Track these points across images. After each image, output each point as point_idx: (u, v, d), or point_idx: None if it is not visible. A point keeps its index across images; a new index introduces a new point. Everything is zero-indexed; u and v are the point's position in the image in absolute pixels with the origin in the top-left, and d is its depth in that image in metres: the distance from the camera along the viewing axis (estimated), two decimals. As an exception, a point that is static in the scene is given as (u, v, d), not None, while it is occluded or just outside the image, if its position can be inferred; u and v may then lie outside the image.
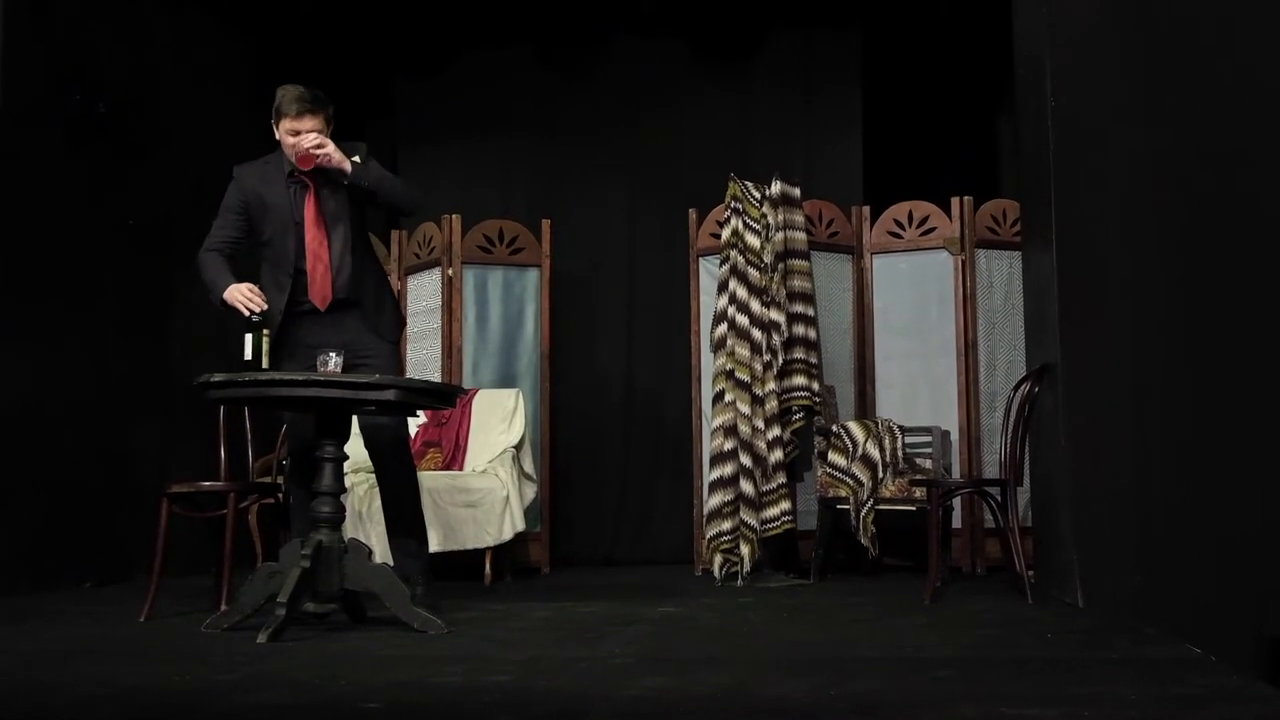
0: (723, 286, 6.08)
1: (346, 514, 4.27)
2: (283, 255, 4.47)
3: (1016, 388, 5.19)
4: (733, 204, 6.13)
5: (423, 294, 6.92)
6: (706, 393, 6.31)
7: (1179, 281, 3.46)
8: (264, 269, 4.56)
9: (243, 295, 4.29)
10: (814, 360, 6.06)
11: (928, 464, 5.85)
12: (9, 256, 5.41)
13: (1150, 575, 3.80)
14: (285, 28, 7.24)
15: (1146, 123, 3.75)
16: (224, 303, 4.34)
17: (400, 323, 4.80)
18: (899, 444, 5.79)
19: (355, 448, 4.55)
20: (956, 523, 6.16)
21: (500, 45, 7.81)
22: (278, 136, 4.45)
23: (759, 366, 5.88)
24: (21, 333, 5.46)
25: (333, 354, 4.09)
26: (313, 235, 4.45)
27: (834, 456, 5.84)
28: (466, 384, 6.62)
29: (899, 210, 6.61)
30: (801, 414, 5.99)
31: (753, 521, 5.74)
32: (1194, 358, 3.34)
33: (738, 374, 5.88)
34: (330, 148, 4.33)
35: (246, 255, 4.60)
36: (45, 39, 5.68)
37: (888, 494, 5.71)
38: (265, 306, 4.26)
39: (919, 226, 6.55)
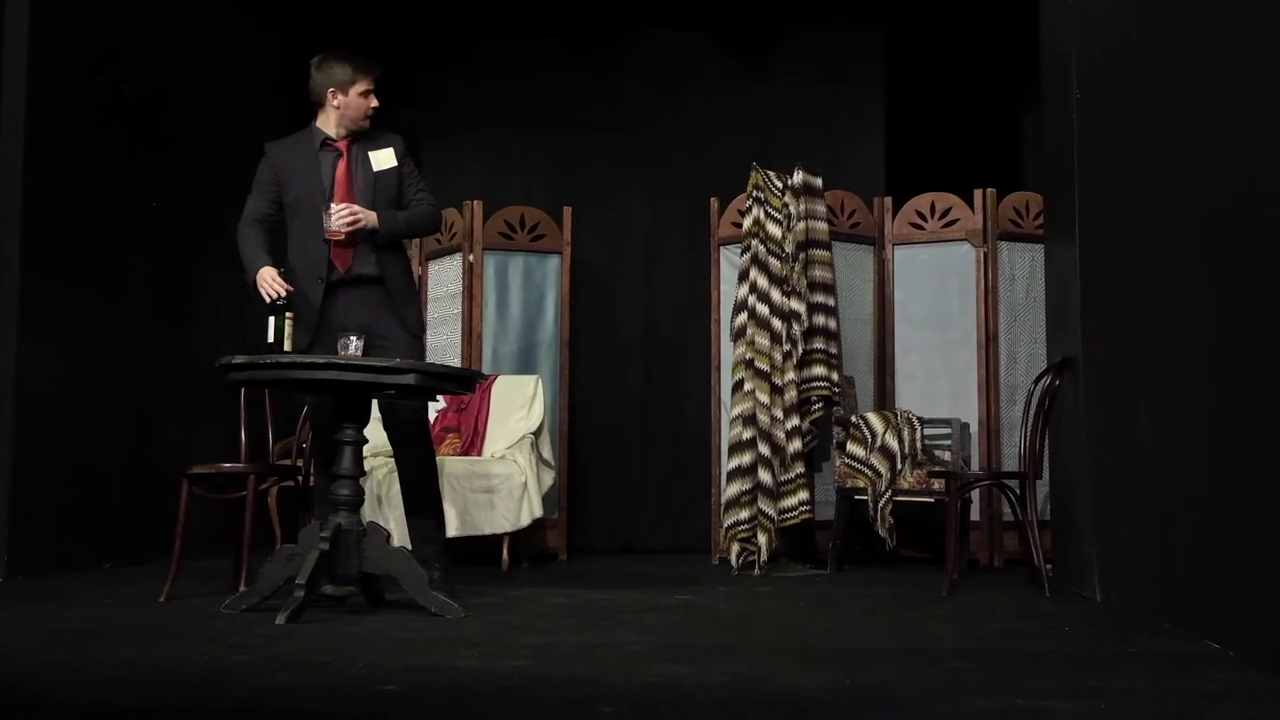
0: (743, 276, 6.07)
1: (365, 497, 4.28)
2: (312, 221, 4.50)
3: (1037, 380, 5.17)
4: (755, 193, 6.12)
5: (444, 280, 6.93)
6: (726, 381, 6.31)
7: (1202, 275, 3.44)
8: (292, 243, 4.58)
9: (267, 282, 4.32)
10: (834, 350, 6.05)
11: (946, 456, 5.84)
12: (36, 241, 5.43)
13: (1169, 570, 3.78)
14: (309, 16, 7.24)
15: (1172, 115, 3.73)
16: (254, 283, 4.39)
17: (423, 325, 4.83)
18: (918, 435, 5.77)
19: (375, 432, 4.56)
20: (975, 515, 6.15)
21: (523, 34, 7.81)
22: (340, 104, 4.57)
23: (779, 356, 5.88)
24: (47, 316, 5.49)
25: (353, 338, 4.10)
26: (340, 199, 4.50)
27: (852, 447, 5.84)
28: (486, 370, 6.63)
29: (921, 201, 6.58)
30: (820, 404, 5.98)
31: (770, 511, 5.74)
32: (1216, 350, 3.32)
33: (757, 363, 5.87)
34: (360, 215, 4.43)
35: (281, 230, 4.63)
36: (71, 25, 5.70)
37: (906, 485, 5.69)
38: (282, 294, 4.27)
39: (941, 218, 6.52)
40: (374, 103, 4.61)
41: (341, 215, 4.40)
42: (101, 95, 5.87)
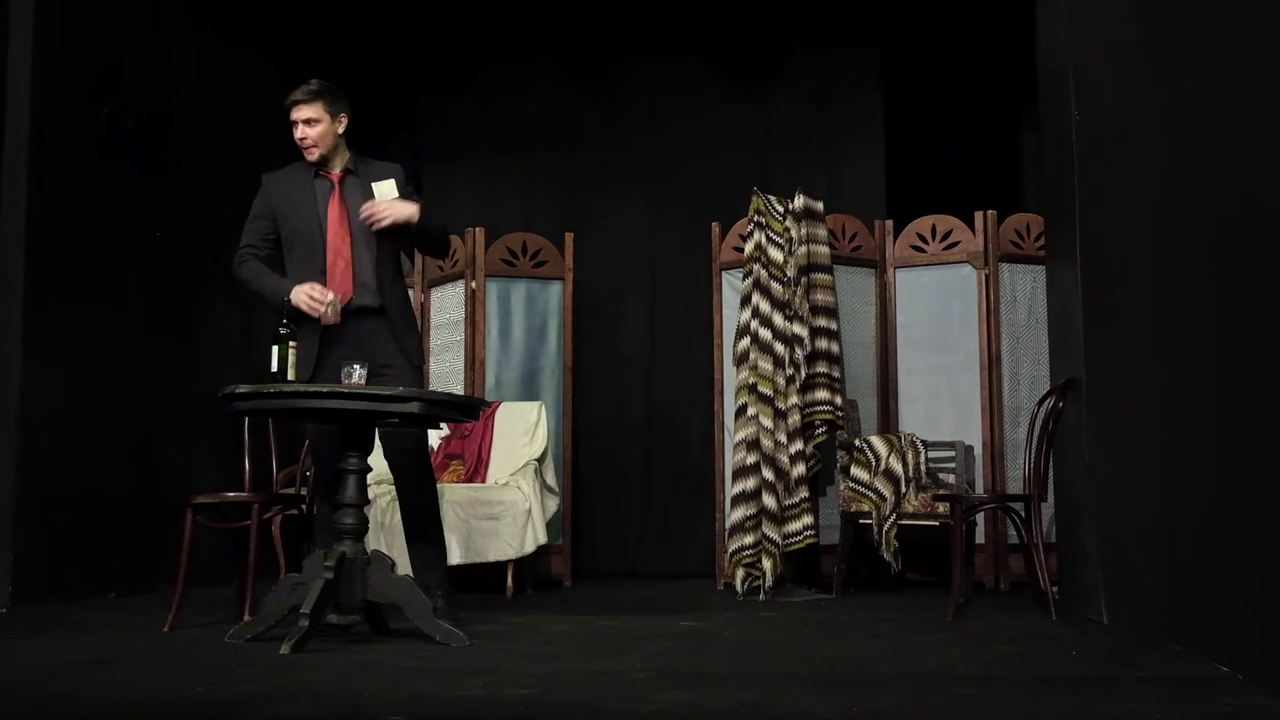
0: (745, 300, 6.08)
1: (369, 526, 4.28)
2: (309, 254, 4.49)
3: (1040, 402, 5.17)
4: (756, 217, 6.13)
5: (446, 306, 6.94)
6: (729, 406, 6.30)
7: (1204, 294, 3.44)
8: (290, 276, 4.53)
9: (307, 297, 4.30)
10: (837, 374, 6.05)
11: (951, 479, 5.83)
12: (38, 269, 5.45)
13: (1177, 592, 3.77)
14: (310, 44, 7.28)
15: (1171, 135, 3.74)
16: (286, 304, 4.33)
17: (423, 355, 4.83)
18: (922, 459, 5.77)
19: (378, 460, 4.55)
20: (980, 538, 6.13)
21: (523, 60, 7.85)
22: None
23: (781, 380, 5.88)
24: (50, 344, 5.50)
25: (357, 366, 4.10)
26: (334, 232, 4.49)
27: (856, 471, 5.83)
28: (489, 396, 6.64)
29: (922, 224, 6.59)
30: (824, 428, 5.97)
31: (775, 536, 5.73)
32: (1220, 370, 3.32)
33: (760, 388, 5.87)
34: (391, 209, 4.44)
35: (275, 263, 4.62)
36: (74, 54, 5.73)
37: (910, 509, 5.68)
38: (332, 298, 4.26)
39: (942, 240, 6.53)
40: (298, 133, 4.52)
41: (374, 210, 4.41)
42: (104, 125, 5.90)
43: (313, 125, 4.51)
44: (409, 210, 4.46)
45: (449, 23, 7.69)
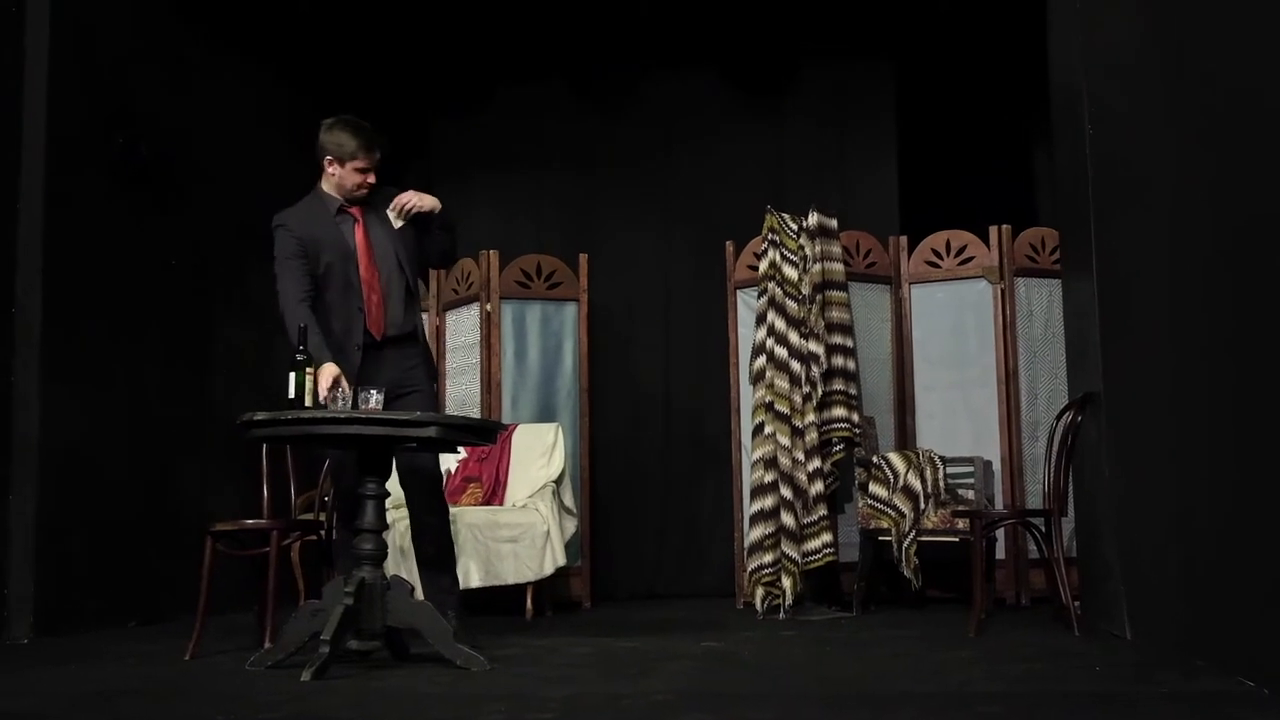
0: (761, 319, 6.08)
1: (389, 551, 4.28)
2: (346, 289, 4.52)
3: (1059, 417, 5.15)
4: (770, 236, 6.13)
5: (461, 329, 6.95)
6: (746, 425, 6.29)
7: (1221, 306, 3.43)
8: (327, 311, 4.52)
9: (328, 379, 4.20)
10: (853, 391, 6.04)
11: (970, 495, 5.81)
12: (55, 297, 5.48)
13: (1199, 606, 3.74)
14: (323, 70, 7.33)
15: (1185, 147, 3.73)
16: (302, 330, 4.24)
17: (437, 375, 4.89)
18: (940, 475, 5.75)
19: (396, 485, 4.56)
20: (1000, 554, 6.10)
21: (535, 81, 7.88)
22: (335, 173, 4.54)
23: (798, 398, 5.87)
24: (67, 372, 5.52)
25: (374, 391, 4.10)
26: (365, 267, 4.54)
27: (875, 488, 5.81)
28: (506, 419, 6.64)
29: (936, 240, 6.59)
30: (841, 445, 5.96)
31: (794, 554, 5.71)
32: (1240, 384, 3.30)
33: (777, 406, 5.87)
34: (420, 197, 4.59)
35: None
36: (89, 83, 5.77)
37: (930, 525, 5.66)
38: (345, 393, 4.18)
39: (957, 255, 6.52)
40: (371, 179, 4.53)
41: (404, 200, 4.54)
42: (119, 153, 5.93)
43: (375, 171, 4.57)
44: (433, 199, 4.61)
45: (460, 45, 7.73)
